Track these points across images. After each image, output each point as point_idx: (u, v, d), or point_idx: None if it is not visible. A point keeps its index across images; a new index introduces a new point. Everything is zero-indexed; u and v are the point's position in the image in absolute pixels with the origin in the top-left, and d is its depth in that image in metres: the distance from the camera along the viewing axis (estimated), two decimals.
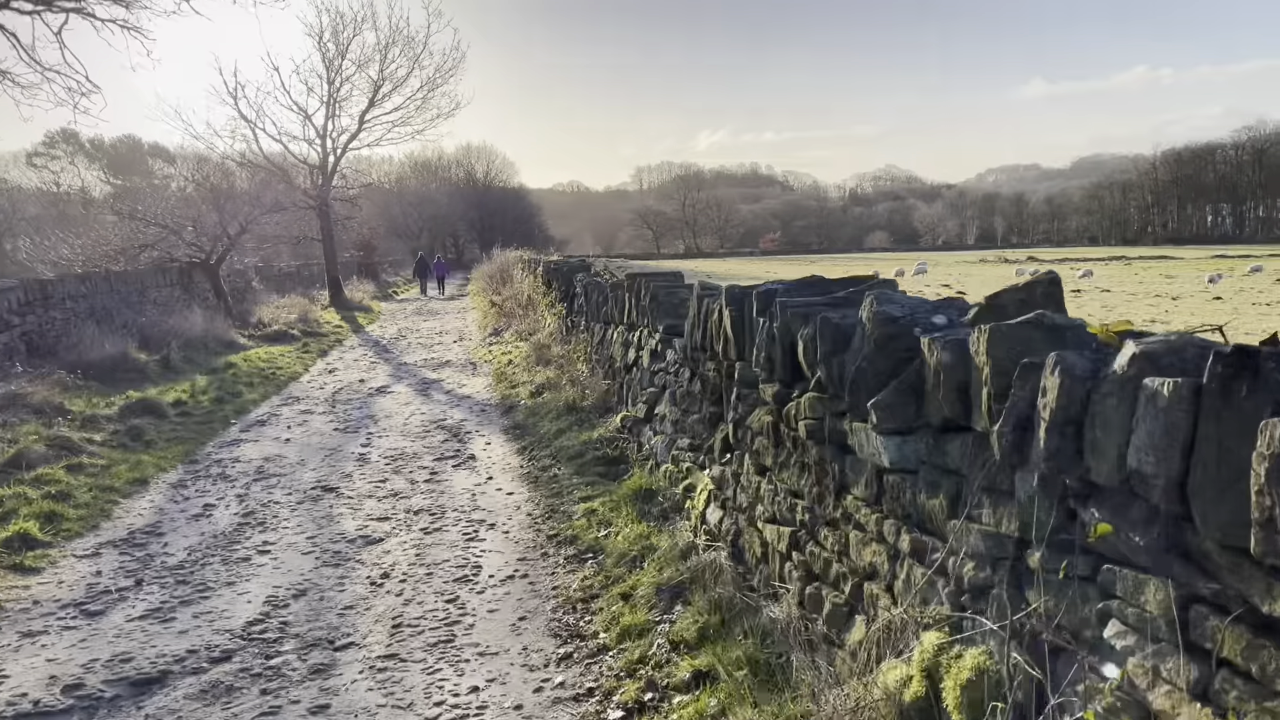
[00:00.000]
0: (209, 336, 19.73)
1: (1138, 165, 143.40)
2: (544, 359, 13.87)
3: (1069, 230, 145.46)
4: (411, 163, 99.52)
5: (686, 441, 6.57)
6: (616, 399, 9.54)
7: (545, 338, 15.65)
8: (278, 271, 35.15)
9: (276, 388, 15.17)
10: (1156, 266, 66.63)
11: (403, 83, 32.86)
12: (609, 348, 10.09)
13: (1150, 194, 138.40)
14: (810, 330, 3.98)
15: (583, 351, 12.10)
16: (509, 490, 8.05)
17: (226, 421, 12.14)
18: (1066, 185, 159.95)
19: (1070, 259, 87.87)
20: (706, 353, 6.11)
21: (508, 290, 30.32)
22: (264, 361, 17.71)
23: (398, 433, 11.03)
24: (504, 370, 14.79)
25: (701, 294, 6.29)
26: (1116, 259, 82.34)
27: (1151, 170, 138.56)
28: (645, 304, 8.33)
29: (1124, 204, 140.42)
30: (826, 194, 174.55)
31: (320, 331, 24.09)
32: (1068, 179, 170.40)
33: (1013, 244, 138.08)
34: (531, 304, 21.74)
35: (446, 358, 18.62)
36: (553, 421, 9.83)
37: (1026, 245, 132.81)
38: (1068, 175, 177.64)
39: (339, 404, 13.33)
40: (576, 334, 13.35)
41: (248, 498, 8.29)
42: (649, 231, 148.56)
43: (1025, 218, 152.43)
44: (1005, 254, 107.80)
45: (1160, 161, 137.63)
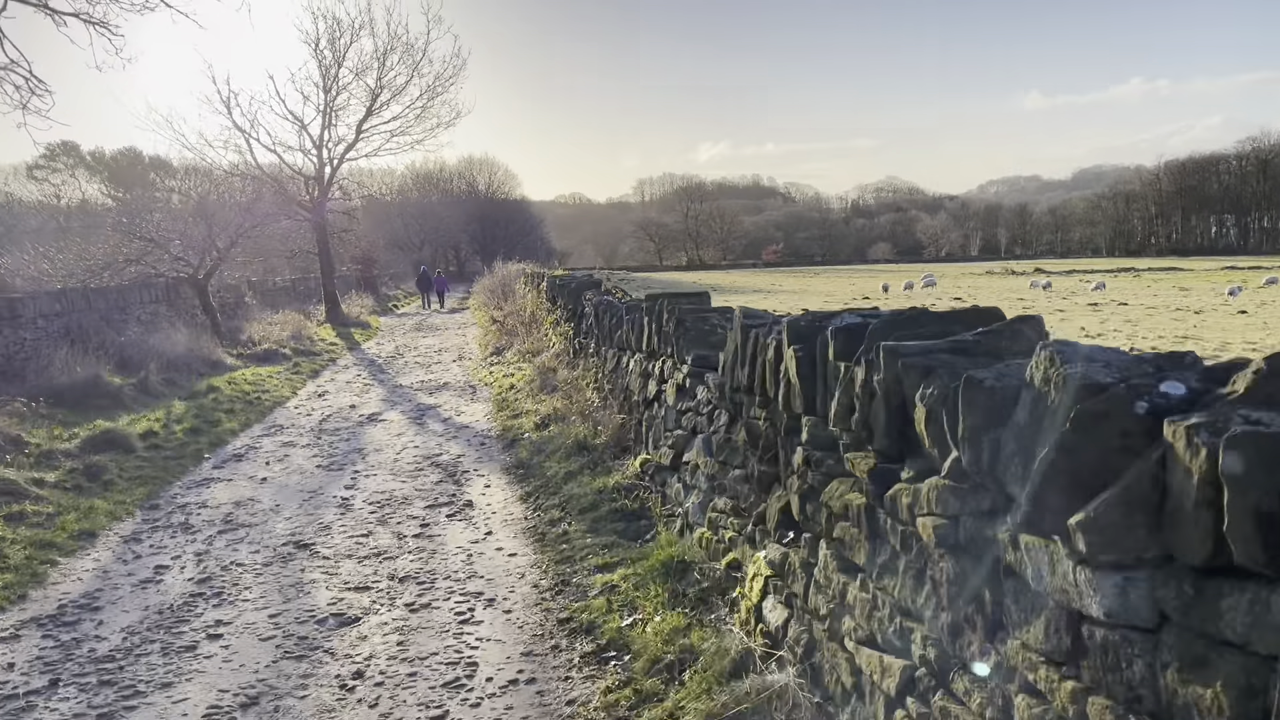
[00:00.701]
0: (193, 357, 18.59)
1: (1141, 176, 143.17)
2: (549, 384, 12.71)
3: (1072, 241, 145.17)
4: (413, 175, 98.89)
5: (727, 503, 5.40)
6: (634, 437, 8.38)
7: (550, 360, 14.50)
8: (273, 286, 34.02)
9: (260, 415, 14.01)
10: (1167, 278, 65.56)
11: (401, 91, 31.85)
12: (624, 377, 8.93)
13: (1154, 205, 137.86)
14: (938, 391, 2.83)
15: (592, 378, 10.94)
16: (511, 550, 6.87)
17: (199, 456, 10.98)
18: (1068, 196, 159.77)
19: (1077, 270, 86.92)
20: (754, 396, 4.96)
21: (509, 305, 29.20)
22: (250, 384, 16.55)
23: (387, 471, 9.85)
24: (506, 396, 13.62)
25: (747, 324, 5.14)
26: (1125, 270, 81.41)
27: (1155, 181, 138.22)
28: (669, 330, 7.17)
29: (1127, 215, 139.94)
30: (828, 205, 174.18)
31: (313, 350, 22.95)
32: (1069, 190, 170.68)
33: (1016, 255, 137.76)
34: (535, 321, 20.60)
35: (445, 379, 17.47)
36: (561, 462, 8.65)
37: (1030, 256, 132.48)
38: (1069, 186, 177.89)
39: (325, 435, 12.17)
40: (585, 357, 12.19)
41: (208, 556, 7.12)
42: (651, 243, 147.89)
43: (1028, 229, 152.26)
44: (1011, 265, 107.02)
45: (1163, 172, 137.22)
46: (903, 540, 3.11)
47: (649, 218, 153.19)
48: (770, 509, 4.64)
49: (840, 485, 3.71)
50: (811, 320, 4.22)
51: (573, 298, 13.68)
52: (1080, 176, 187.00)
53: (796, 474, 4.23)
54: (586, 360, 11.99)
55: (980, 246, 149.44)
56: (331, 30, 30.72)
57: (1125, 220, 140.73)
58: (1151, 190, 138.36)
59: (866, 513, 3.40)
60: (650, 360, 7.90)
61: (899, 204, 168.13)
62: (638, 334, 8.38)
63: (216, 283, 25.55)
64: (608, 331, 9.91)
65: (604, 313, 10.18)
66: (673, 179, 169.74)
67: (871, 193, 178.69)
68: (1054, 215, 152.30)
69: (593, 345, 11.56)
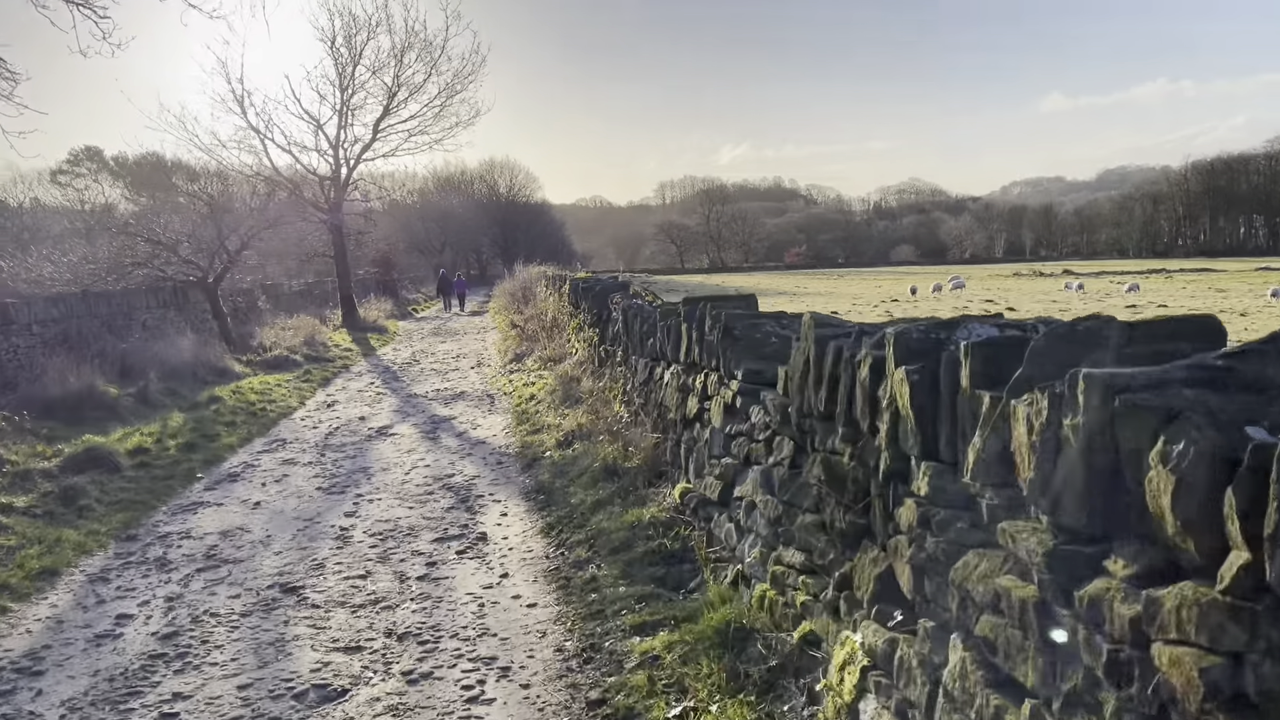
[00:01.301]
0: (198, 364, 17.71)
1: (1168, 177, 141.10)
2: (572, 396, 11.70)
3: (1098, 243, 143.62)
4: (434, 178, 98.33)
5: (796, 555, 4.36)
6: (670, 460, 7.34)
7: (573, 368, 13.49)
8: (288, 290, 33.21)
9: (263, 428, 13.08)
10: (1200, 279, 63.89)
11: (419, 89, 30.98)
12: (658, 391, 7.90)
13: (1181, 206, 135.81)
14: (1196, 453, 1.78)
15: (620, 390, 9.91)
16: (530, 599, 5.84)
17: (191, 476, 10.03)
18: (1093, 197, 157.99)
19: (1107, 271, 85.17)
20: (835, 426, 3.93)
21: (530, 310, 28.25)
22: (256, 394, 15.65)
23: (393, 495, 8.86)
24: (525, 408, 12.62)
25: (823, 335, 4.11)
26: (1155, 271, 79.77)
27: (1183, 181, 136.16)
28: (714, 340, 6.14)
29: (1154, 216, 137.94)
30: (850, 207, 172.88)
31: (326, 356, 22.06)
32: (1094, 191, 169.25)
33: (1041, 256, 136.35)
34: (557, 326, 19.62)
35: (461, 388, 16.50)
36: (587, 489, 7.62)
37: (1055, 258, 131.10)
38: (1093, 187, 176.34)
39: (330, 451, 11.20)
40: (611, 366, 11.17)
41: (180, 603, 6.15)
42: (673, 246, 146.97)
43: (1054, 230, 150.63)
44: (1039, 267, 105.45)
45: (1191, 173, 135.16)
46: (1115, 667, 2.06)
47: (670, 220, 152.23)
48: (862, 573, 3.59)
49: (984, 562, 2.66)
50: (926, 332, 3.19)
51: (598, 302, 12.66)
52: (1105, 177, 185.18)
53: (907, 535, 3.19)
54: (613, 370, 10.97)
55: (1005, 248, 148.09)
56: (348, 27, 29.91)
57: (1152, 221, 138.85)
58: (1179, 191, 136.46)
59: (1039, 612, 2.35)
60: (690, 373, 6.87)
61: (921, 206, 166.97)
62: (674, 343, 7.34)
63: (228, 286, 24.75)
64: (638, 340, 8.88)
65: (634, 319, 9.14)
66: (694, 181, 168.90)
67: (894, 194, 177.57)
68: (1079, 216, 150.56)
69: (620, 353, 10.54)
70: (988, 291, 54.73)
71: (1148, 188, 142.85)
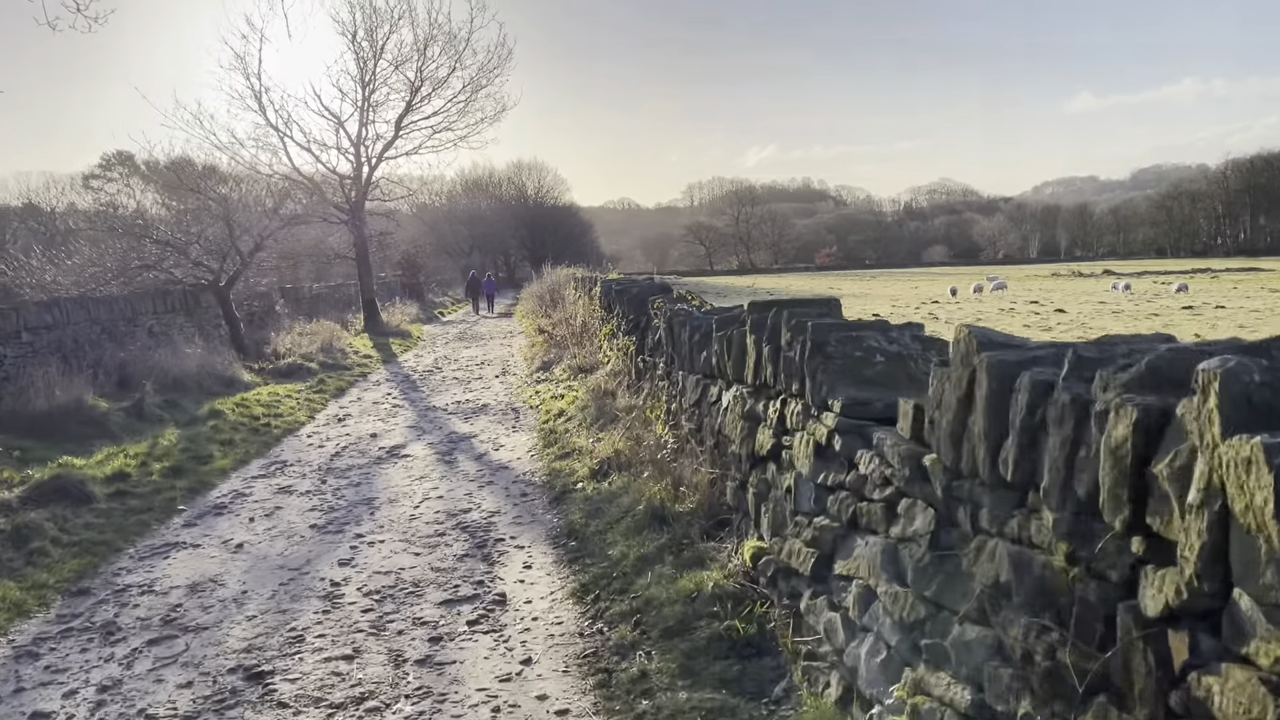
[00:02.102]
0: (204, 374, 16.52)
1: (1206, 175, 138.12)
2: (606, 413, 10.31)
3: (1135, 242, 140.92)
4: (462, 180, 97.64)
5: (957, 692, 2.94)
6: (732, 504, 5.94)
7: (606, 380, 12.12)
8: (309, 293, 32.09)
9: (264, 446, 11.81)
10: (1248, 279, 61.60)
11: (443, 84, 29.76)
12: (714, 416, 6.49)
13: (1221, 204, 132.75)
14: None
15: (663, 410, 8.51)
16: (560, 702, 4.43)
17: (171, 508, 8.74)
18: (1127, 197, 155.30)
19: (1148, 271, 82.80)
20: (1033, 502, 2.53)
21: (558, 314, 26.93)
22: (263, 406, 14.41)
23: (398, 535, 7.51)
24: (554, 426, 11.24)
25: (1001, 360, 2.70)
26: (1199, 271, 77.48)
27: (1222, 179, 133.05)
28: (795, 357, 4.73)
29: (1193, 215, 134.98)
30: (880, 208, 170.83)
31: (344, 363, 20.83)
32: (1128, 190, 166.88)
33: (1077, 257, 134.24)
34: (587, 332, 18.26)
35: (484, 399, 15.17)
36: (629, 537, 6.22)
37: (1092, 258, 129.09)
38: (1127, 186, 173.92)
39: (333, 476, 9.89)
40: (651, 380, 9.78)
41: (115, 695, 4.82)
42: (701, 248, 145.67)
43: (1089, 230, 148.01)
44: (1077, 267, 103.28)
45: (1230, 170, 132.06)
46: None
47: (699, 222, 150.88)
48: None
49: None
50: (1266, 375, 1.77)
51: (634, 306, 11.26)
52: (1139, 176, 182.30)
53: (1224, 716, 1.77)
54: (653, 384, 9.57)
55: (1039, 249, 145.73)
56: (369, 20, 28.74)
57: (1191, 220, 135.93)
58: (1218, 189, 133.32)
59: None
60: (759, 399, 5.46)
61: (953, 206, 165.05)
62: (736, 359, 5.93)
63: (243, 290, 23.63)
64: (687, 352, 7.47)
65: (681, 327, 7.73)
66: (722, 183, 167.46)
67: (924, 195, 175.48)
68: (1116, 216, 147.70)
69: (662, 366, 9.14)
70: (1029, 292, 52.82)
71: (1186, 186, 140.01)
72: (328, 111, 29.14)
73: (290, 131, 28.08)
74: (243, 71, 27.18)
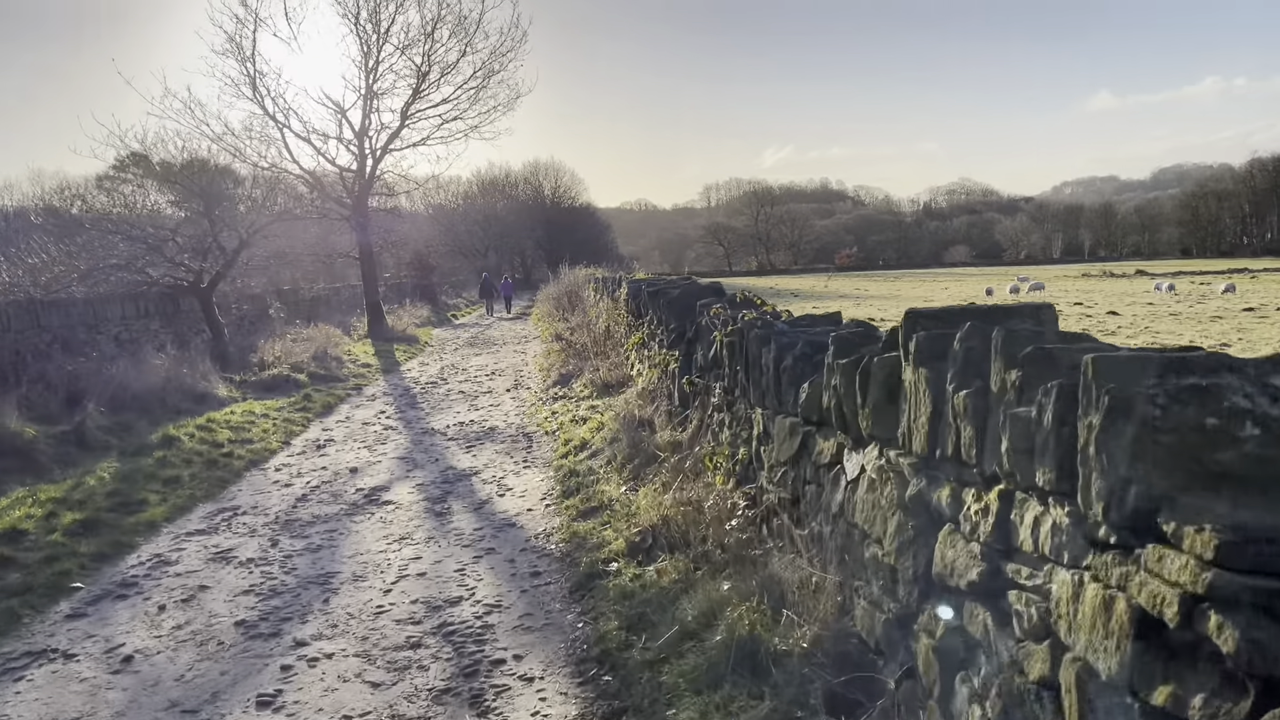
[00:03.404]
0: (171, 388, 14.32)
1: (1232, 174, 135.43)
2: (642, 450, 8.00)
3: (1160, 242, 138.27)
4: (478, 180, 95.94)
5: None
6: (880, 645, 3.62)
7: (639, 403, 9.81)
8: (309, 295, 29.92)
9: (218, 485, 9.56)
10: None
11: (453, 69, 27.51)
12: (827, 486, 4.16)
13: (1248, 203, 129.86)
14: None
15: (725, 455, 6.18)
16: None
17: (61, 586, 6.48)
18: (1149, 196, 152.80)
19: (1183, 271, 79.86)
20: None
21: (576, 318, 24.65)
22: (230, 429, 12.20)
23: (354, 645, 5.23)
24: (574, 465, 8.90)
25: None
26: (1236, 271, 74.72)
27: (1248, 178, 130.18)
28: (1047, 421, 2.42)
29: (1219, 214, 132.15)
30: (900, 208, 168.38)
31: (337, 374, 18.60)
32: (1148, 190, 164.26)
33: (1100, 257, 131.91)
34: (611, 339, 15.98)
35: (491, 420, 12.90)
36: (700, 691, 3.87)
37: (1116, 258, 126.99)
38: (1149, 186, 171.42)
39: (289, 535, 7.62)
40: (703, 407, 7.47)
41: None
42: (720, 248, 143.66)
43: (1113, 229, 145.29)
44: (1107, 267, 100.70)
45: (1256, 169, 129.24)
46: None
47: (717, 222, 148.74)
48: None
49: None
50: None
51: (677, 312, 8.91)
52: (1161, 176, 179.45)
53: None
54: (706, 414, 7.26)
55: (1062, 248, 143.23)
56: (373, 1, 26.51)
57: (1217, 220, 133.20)
58: (1244, 188, 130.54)
59: None
60: (945, 482, 3.13)
61: (973, 206, 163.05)
62: (880, 405, 3.61)
63: (231, 292, 21.46)
64: (770, 382, 5.13)
65: (761, 345, 5.37)
66: (739, 183, 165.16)
67: (944, 195, 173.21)
68: (1140, 215, 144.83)
69: (719, 391, 6.81)
70: (1065, 294, 50.05)
71: (1212, 185, 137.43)
72: (328, 99, 26.98)
73: (289, 121, 25.92)
74: (236, 56, 25.00)
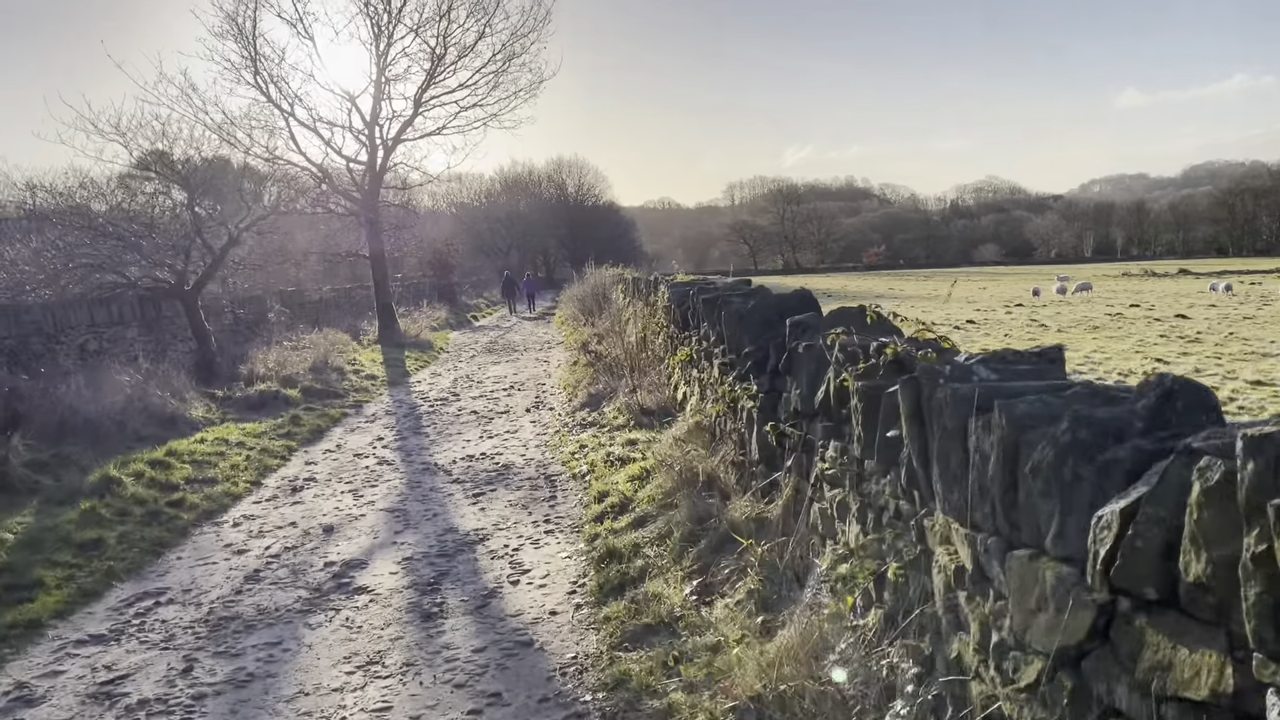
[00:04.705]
0: (133, 410, 12.20)
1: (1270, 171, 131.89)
2: (711, 527, 5.71)
3: (1194, 241, 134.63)
4: (501, 178, 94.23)
5: None
6: None
7: (696, 449, 7.52)
8: (317, 298, 27.86)
9: (148, 553, 7.36)
10: None
11: (470, 51, 25.34)
12: None
13: None
14: None
15: (863, 572, 3.88)
16: None
17: None
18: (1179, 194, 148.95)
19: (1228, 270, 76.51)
20: None
21: (604, 322, 22.36)
22: (192, 465, 10.03)
23: None
24: (614, 540, 6.56)
25: None
26: None
27: None
28: None
29: (1256, 212, 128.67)
30: (926, 207, 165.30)
31: (336, 389, 16.43)
32: (1179, 187, 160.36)
33: (1133, 256, 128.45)
34: (647, 352, 13.69)
35: (507, 454, 10.67)
36: None
37: (1149, 256, 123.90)
38: (1179, 184, 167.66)
39: (214, 648, 5.39)
40: (800, 472, 5.18)
41: None
42: (745, 246, 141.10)
43: (1146, 227, 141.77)
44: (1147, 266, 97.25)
45: None
46: None
47: (742, 220, 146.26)
48: None
49: None
50: None
51: (752, 330, 6.59)
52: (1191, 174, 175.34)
53: None
54: (810, 481, 4.98)
55: (1094, 247, 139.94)
56: None
57: (1254, 218, 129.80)
58: None
59: None
60: None
61: (1000, 204, 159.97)
62: None
63: (223, 295, 19.39)
64: (996, 486, 2.83)
65: (961, 416, 3.01)
66: (763, 181, 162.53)
67: (970, 193, 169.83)
68: (1174, 213, 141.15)
69: (831, 451, 4.54)
70: (1115, 294, 47.17)
71: (1248, 182, 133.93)
72: (337, 85, 24.87)
73: (293, 109, 23.81)
74: (236, 38, 22.91)
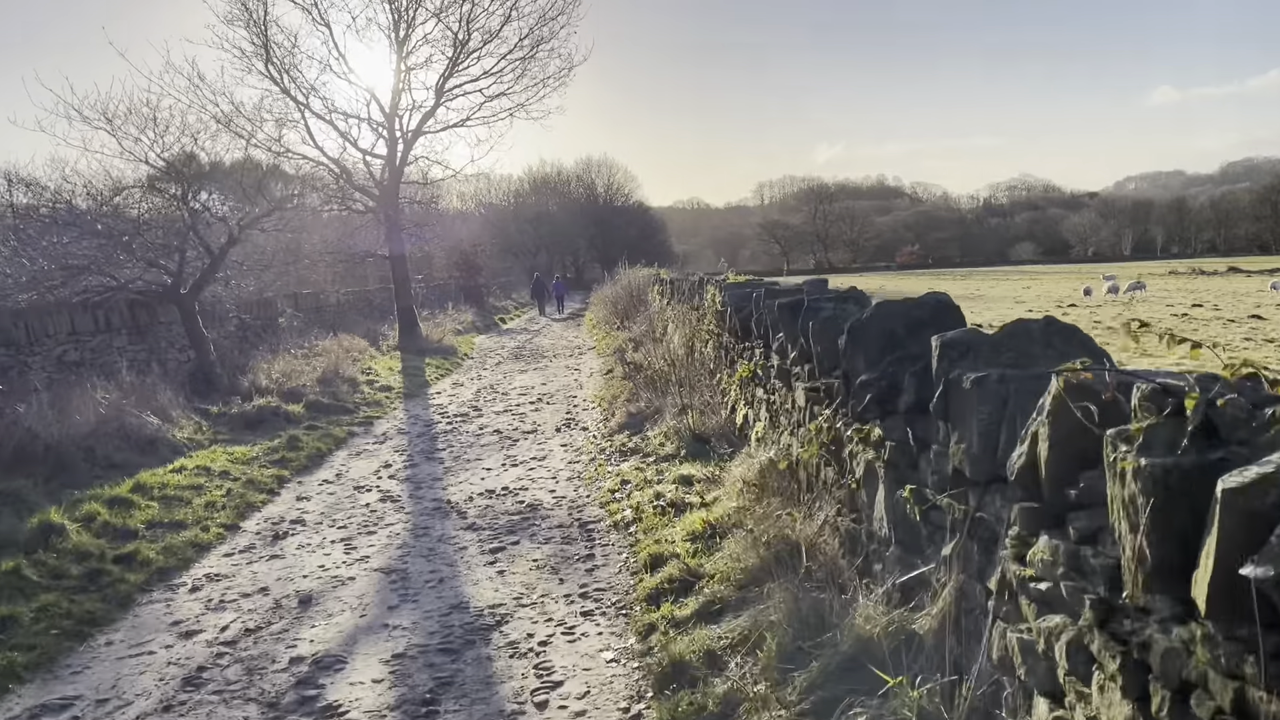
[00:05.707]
0: (105, 432, 10.61)
1: None
2: (830, 642, 3.93)
3: (1236, 238, 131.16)
4: (530, 178, 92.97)
5: None
6: None
7: (781, 505, 5.73)
8: (336, 301, 26.31)
9: (70, 637, 5.68)
10: None
11: (495, 36, 23.67)
12: None
13: None
14: None
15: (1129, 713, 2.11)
16: None
17: None
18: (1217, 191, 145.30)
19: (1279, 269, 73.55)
20: None
21: (640, 326, 20.56)
22: (161, 502, 8.40)
23: None
24: (681, 645, 4.77)
25: None
26: None
27: None
28: None
29: None
30: (959, 205, 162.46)
31: (345, 403, 14.77)
32: (1217, 184, 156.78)
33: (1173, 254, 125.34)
34: (696, 363, 11.89)
35: (533, 491, 8.93)
36: None
37: (1189, 254, 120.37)
38: (1217, 180, 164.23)
39: None
40: (967, 564, 3.39)
41: None
42: (776, 246, 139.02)
43: (1186, 225, 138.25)
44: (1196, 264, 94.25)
45: None
46: None
47: (773, 219, 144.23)
48: None
49: None
50: None
51: (870, 352, 4.70)
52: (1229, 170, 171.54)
53: None
54: (987, 583, 3.20)
55: (1133, 245, 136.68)
56: None
57: None
58: None
59: None
60: None
61: (1034, 202, 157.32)
62: None
63: (225, 298, 17.82)
64: None
65: None
66: (793, 180, 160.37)
67: (1004, 191, 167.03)
68: (1215, 210, 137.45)
69: (1015, 533, 2.77)
70: (1170, 294, 44.64)
71: None
72: (354, 74, 23.30)
73: (308, 101, 22.26)
74: (247, 24, 21.39)
